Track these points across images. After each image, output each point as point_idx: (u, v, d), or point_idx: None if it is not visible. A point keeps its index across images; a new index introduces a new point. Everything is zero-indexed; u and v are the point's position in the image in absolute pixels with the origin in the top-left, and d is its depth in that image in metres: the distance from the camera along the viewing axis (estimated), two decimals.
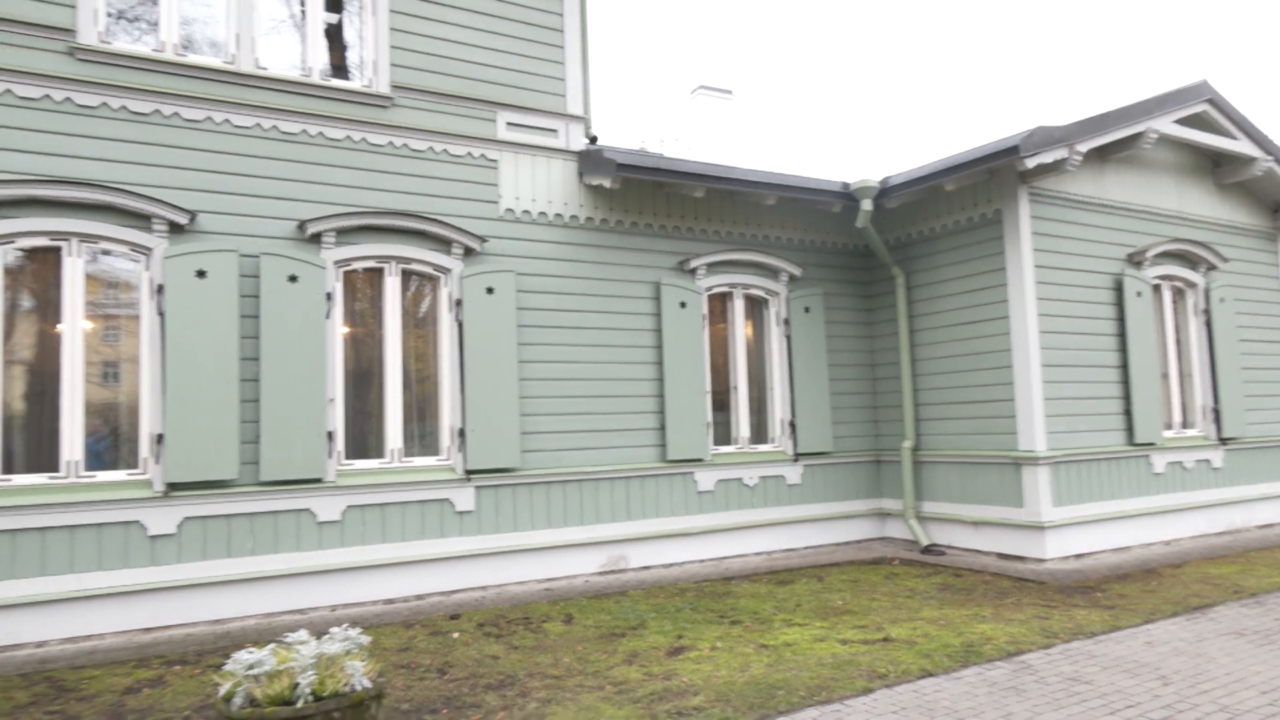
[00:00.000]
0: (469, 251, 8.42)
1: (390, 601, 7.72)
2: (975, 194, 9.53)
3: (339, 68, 8.23)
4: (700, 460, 9.43)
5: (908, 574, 8.59)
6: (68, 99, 6.90)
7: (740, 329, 10.11)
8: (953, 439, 9.77)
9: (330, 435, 7.60)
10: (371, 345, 8.14)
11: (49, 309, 6.90)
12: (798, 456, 10.13)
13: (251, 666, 4.07)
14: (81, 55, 6.97)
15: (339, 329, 7.84)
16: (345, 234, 7.87)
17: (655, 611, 7.16)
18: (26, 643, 6.42)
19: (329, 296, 7.72)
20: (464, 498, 8.17)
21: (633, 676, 5.36)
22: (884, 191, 9.84)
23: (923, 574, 8.55)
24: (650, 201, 9.49)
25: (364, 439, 7.99)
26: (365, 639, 4.41)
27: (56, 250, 6.87)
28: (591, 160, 8.96)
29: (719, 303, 10.09)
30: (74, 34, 6.97)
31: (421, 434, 8.26)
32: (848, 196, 9.96)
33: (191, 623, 6.96)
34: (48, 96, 6.84)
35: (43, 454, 6.74)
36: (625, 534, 8.96)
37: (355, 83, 8.19)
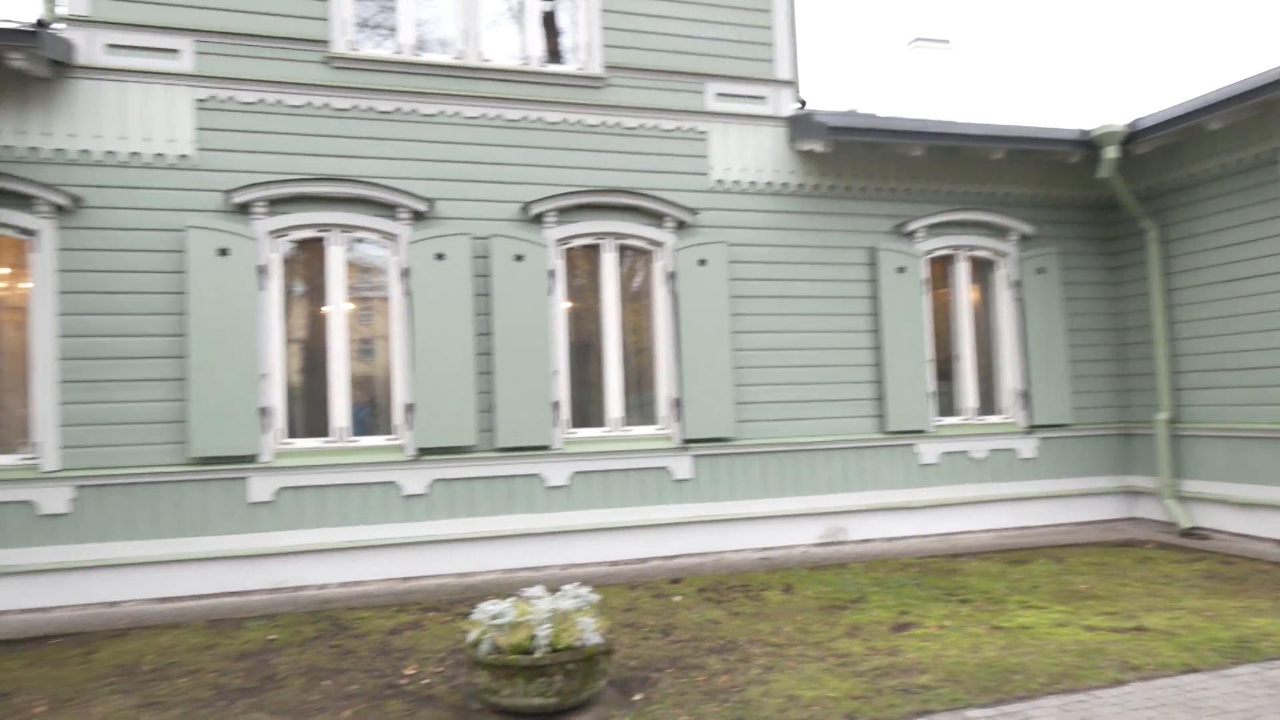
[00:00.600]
0: (681, 225, 8.53)
1: (615, 564, 8.08)
2: (1246, 133, 8.35)
3: (554, 53, 8.57)
4: (922, 432, 9.04)
5: (1164, 558, 7.79)
6: (326, 104, 7.70)
7: (965, 293, 9.53)
8: (1218, 410, 8.70)
9: (556, 405, 8.03)
10: (591, 319, 8.48)
11: (316, 293, 7.78)
12: (1031, 428, 9.44)
13: (495, 617, 4.41)
14: (335, 63, 7.73)
15: (561, 304, 8.24)
16: (565, 213, 8.23)
17: (877, 585, 6.99)
18: (310, 585, 7.36)
19: (551, 274, 8.12)
20: (682, 466, 8.37)
21: (855, 650, 5.28)
22: (1132, 136, 8.85)
23: (1183, 559, 7.72)
24: (864, 164, 9.14)
25: (586, 409, 8.37)
26: (595, 597, 4.65)
27: (320, 240, 7.72)
28: (802, 125, 8.76)
29: (940, 266, 9.56)
30: (328, 44, 7.74)
31: (640, 404, 8.53)
32: (1087, 145, 9.06)
33: (441, 574, 7.67)
34: (310, 103, 7.66)
35: (317, 420, 7.65)
36: (843, 506, 8.79)
37: (570, 66, 8.50)
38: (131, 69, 7.21)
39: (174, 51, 7.34)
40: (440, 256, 7.75)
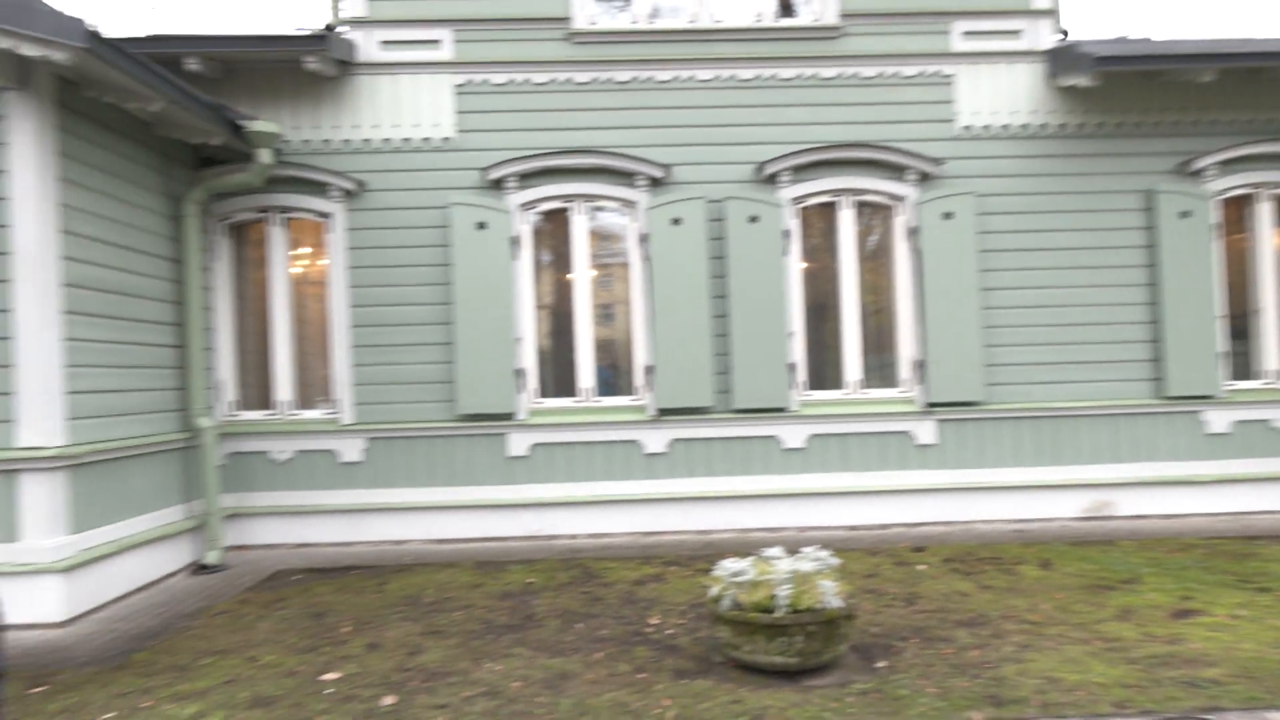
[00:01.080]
0: (924, 177, 8.07)
1: (853, 528, 7.95)
2: None
3: (786, 7, 8.36)
4: (1210, 397, 8.01)
5: None
6: (568, 79, 8.05)
7: (1268, 239, 8.25)
8: None
9: (792, 367, 7.97)
10: (826, 279, 8.29)
11: (562, 261, 8.22)
12: None
13: (735, 575, 4.51)
14: (576, 39, 8.05)
15: (796, 264, 8.12)
16: (799, 171, 8.06)
17: (1152, 566, 6.34)
18: (562, 534, 7.91)
19: (786, 234, 8.01)
20: (925, 430, 8.02)
21: (1126, 635, 4.84)
22: None
23: None
24: (1138, 96, 8.13)
25: (822, 371, 8.24)
26: (835, 561, 4.61)
27: (565, 211, 8.13)
28: (1064, 58, 7.93)
29: (1234, 208, 8.33)
30: (569, 21, 8.06)
31: (880, 366, 8.25)
32: None
33: (681, 530, 7.93)
34: (553, 80, 8.04)
35: (566, 382, 8.14)
36: (1110, 477, 8.02)
37: (803, 19, 8.26)
38: (401, 62, 7.95)
39: (436, 42, 7.99)
40: (677, 221, 7.90)
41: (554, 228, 8.22)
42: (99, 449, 6.01)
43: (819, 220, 8.33)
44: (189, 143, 7.26)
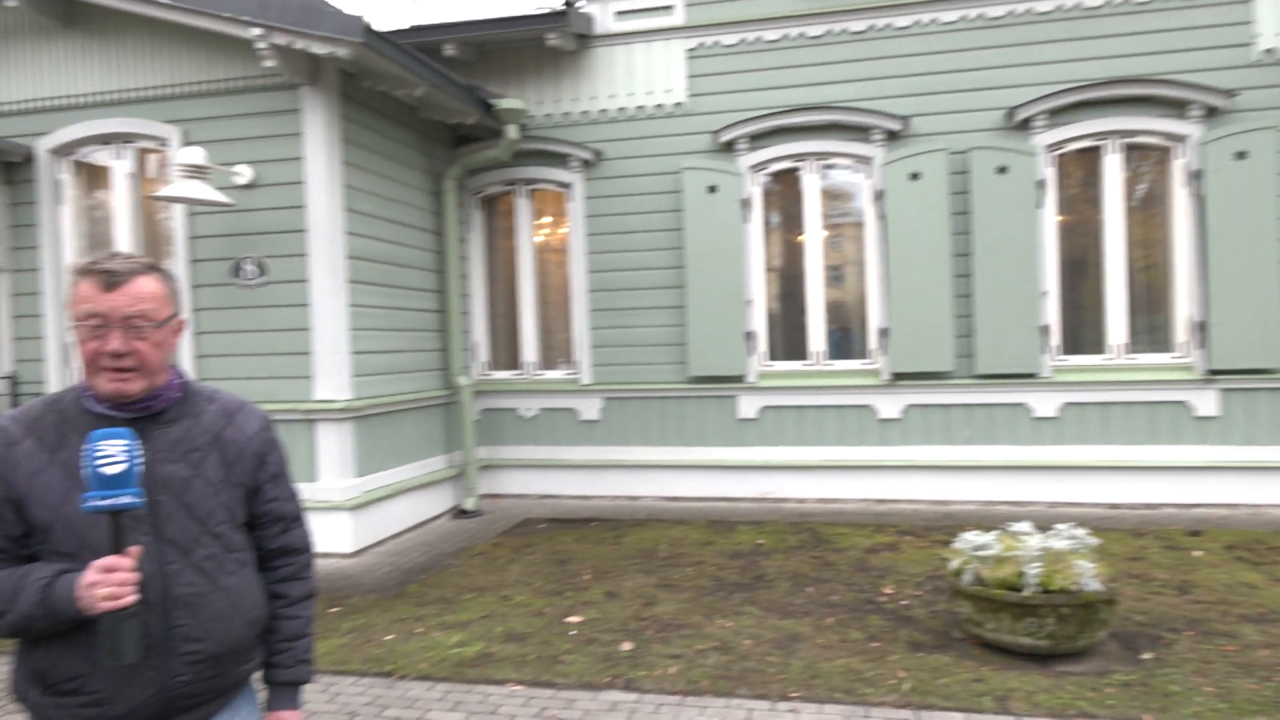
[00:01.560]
0: (1210, 112, 7.07)
1: (1114, 506, 7.26)
2: None
3: None
4: None
5: None
6: (800, 34, 7.84)
7: None
8: None
9: (1045, 329, 7.35)
10: (1086, 233, 7.54)
11: (792, 222, 8.09)
12: None
13: (978, 549, 4.28)
14: None
15: (1051, 218, 7.45)
16: (1056, 114, 7.34)
17: None
18: (790, 498, 7.89)
19: (1040, 184, 7.36)
20: (1205, 401, 7.12)
21: None
22: None
23: None
24: None
25: (1078, 333, 7.53)
26: (1093, 541, 4.24)
27: (795, 171, 7.97)
28: None
29: None
30: None
31: (1149, 328, 7.41)
32: None
33: (916, 499, 7.64)
34: (785, 36, 7.86)
35: (795, 345, 8.05)
36: None
37: None
38: (635, 31, 8.12)
39: (668, 8, 8.06)
40: (915, 176, 7.49)
41: (784, 189, 8.10)
42: (377, 403, 6.78)
43: (1078, 168, 7.56)
44: (447, 123, 7.89)
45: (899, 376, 7.64)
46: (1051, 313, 7.44)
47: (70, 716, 1.52)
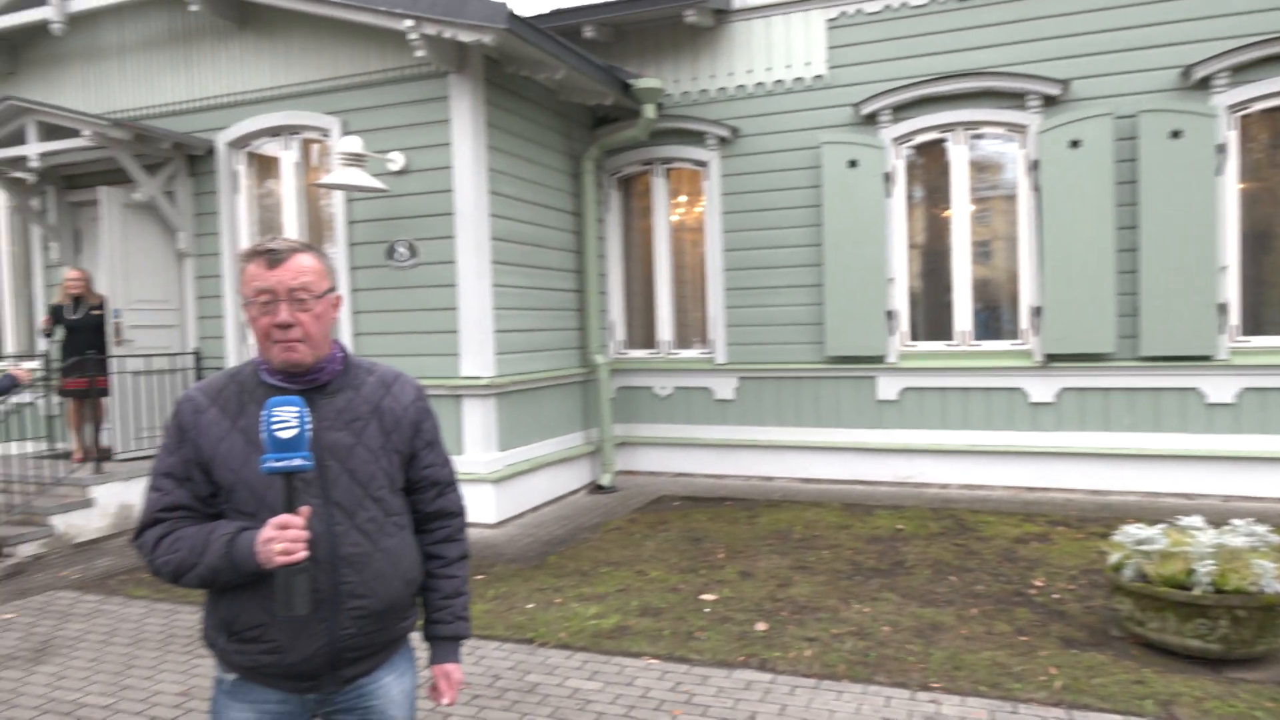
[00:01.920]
0: None
1: None
2: None
3: None
4: None
5: None
6: None
7: None
8: None
9: (1222, 308, 6.75)
10: (1274, 201, 6.84)
11: (937, 196, 7.75)
12: None
13: (1141, 543, 4.00)
14: None
15: (1232, 185, 6.80)
16: (1241, 71, 6.68)
17: None
18: (932, 483, 7.62)
19: (1220, 149, 6.73)
20: None
21: None
22: None
23: None
24: None
25: (1263, 312, 6.87)
26: (1275, 538, 3.89)
27: (941, 142, 7.62)
28: None
29: None
30: None
31: None
32: None
33: (1070, 488, 7.21)
34: (933, 1, 7.50)
35: (938, 324, 7.73)
36: None
37: None
38: (773, 3, 7.94)
39: None
40: (1075, 144, 7.01)
41: (929, 161, 7.76)
42: (518, 380, 7.01)
43: (1264, 130, 6.86)
44: (586, 105, 8.00)
45: (1053, 358, 7.21)
46: (1231, 289, 6.81)
47: (251, 662, 1.67)
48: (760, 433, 8.15)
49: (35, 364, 7.82)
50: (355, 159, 6.30)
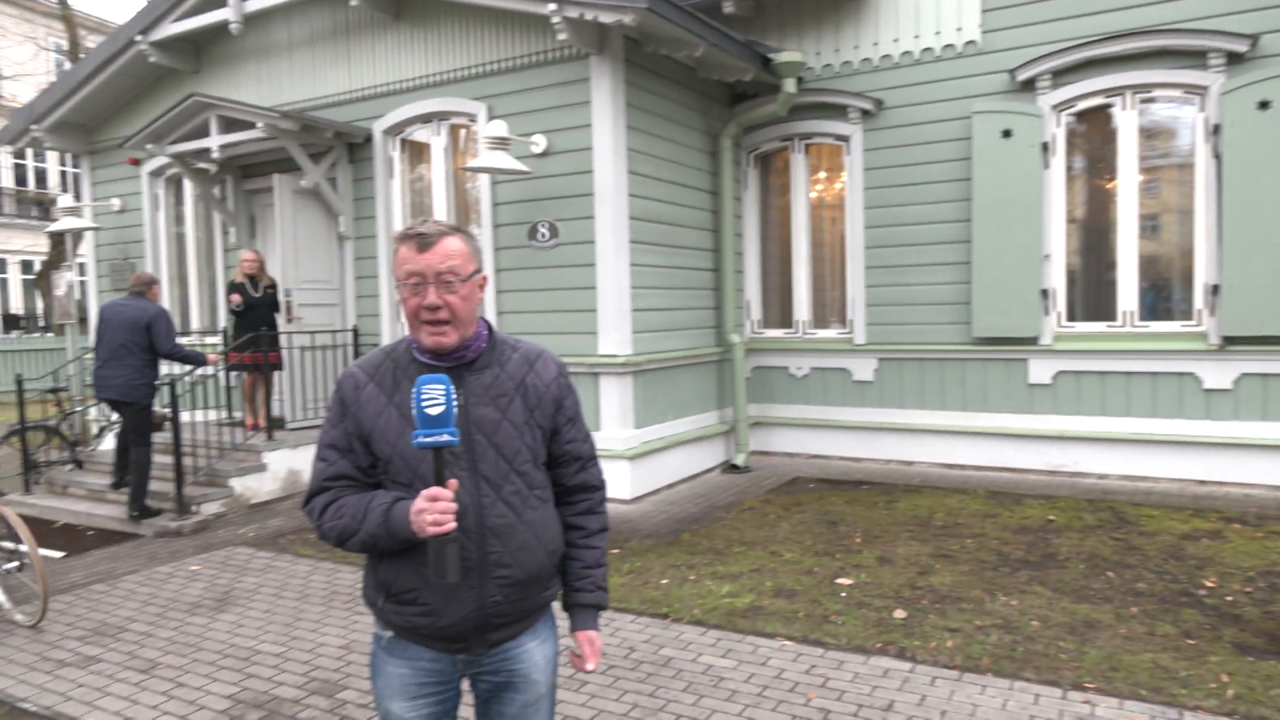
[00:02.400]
0: None
1: None
2: None
3: None
4: None
5: None
6: None
7: None
8: None
9: None
10: None
11: (1100, 167, 7.22)
12: None
13: None
14: None
15: None
16: None
17: None
18: (1089, 473, 7.17)
19: None
20: None
21: None
22: None
23: None
24: None
25: None
26: None
27: (1106, 108, 7.08)
28: None
29: None
30: None
31: None
32: None
33: (1249, 483, 6.62)
34: None
35: (1099, 303, 7.24)
36: None
37: None
38: None
39: None
40: (1264, 105, 6.36)
41: (1091, 129, 7.24)
42: (654, 358, 7.08)
43: None
44: (725, 81, 7.92)
45: (1231, 341, 6.61)
46: None
47: (407, 622, 1.78)
48: (900, 415, 7.90)
49: (216, 340, 8.56)
50: (500, 142, 6.50)
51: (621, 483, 6.75)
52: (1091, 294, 7.31)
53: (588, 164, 6.71)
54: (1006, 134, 7.19)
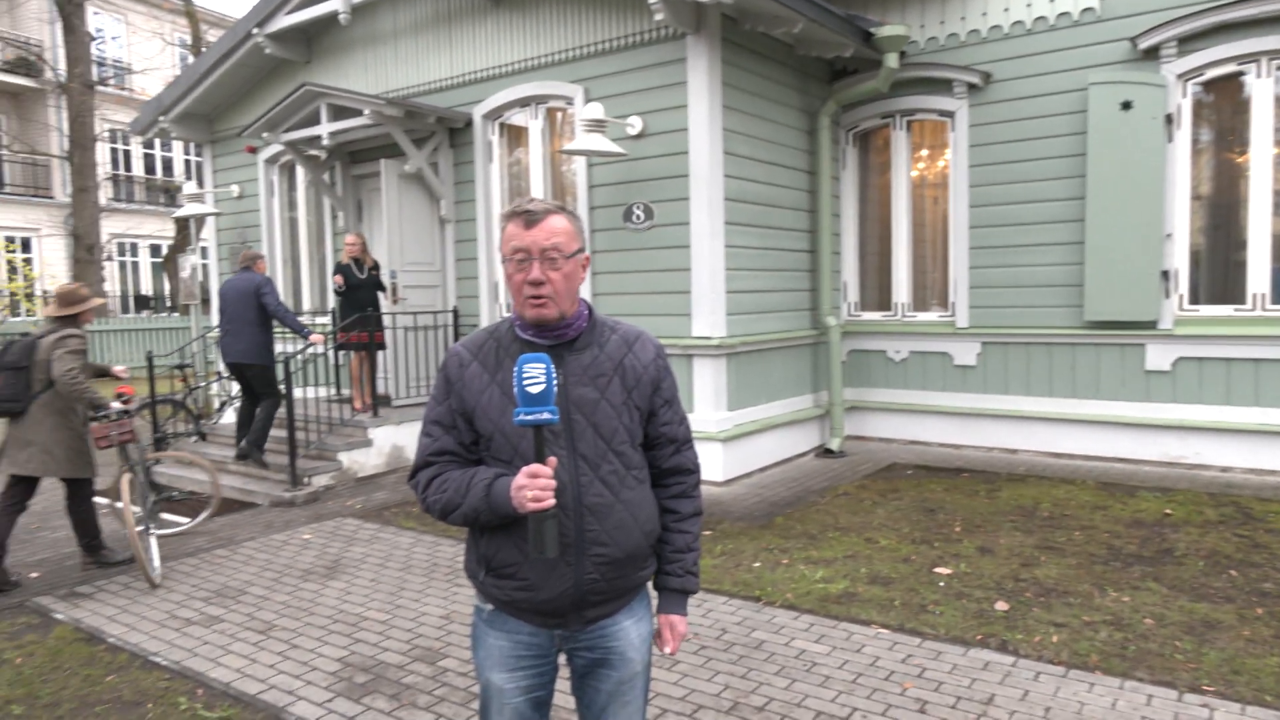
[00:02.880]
0: None
1: None
2: None
3: None
4: None
5: None
6: None
7: None
8: None
9: None
10: None
11: (1229, 140, 6.76)
12: None
13: None
14: None
15: None
16: None
17: None
18: (1210, 465, 6.77)
19: None
20: None
21: None
22: None
23: None
24: None
25: None
26: None
27: (1238, 76, 6.61)
28: None
29: None
30: None
31: None
32: None
33: None
34: None
35: (1227, 286, 6.80)
36: None
37: None
38: None
39: None
40: None
41: (1220, 99, 6.78)
42: (748, 340, 7.03)
43: None
44: (823, 58, 7.75)
45: None
46: None
47: (507, 596, 1.83)
48: (1004, 402, 7.62)
49: (325, 320, 8.93)
50: (597, 125, 6.54)
51: (714, 465, 6.75)
52: (1218, 275, 6.86)
53: (683, 145, 6.68)
54: (1126, 106, 6.79)
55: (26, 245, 22.33)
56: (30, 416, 4.94)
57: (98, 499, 5.43)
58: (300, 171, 9.41)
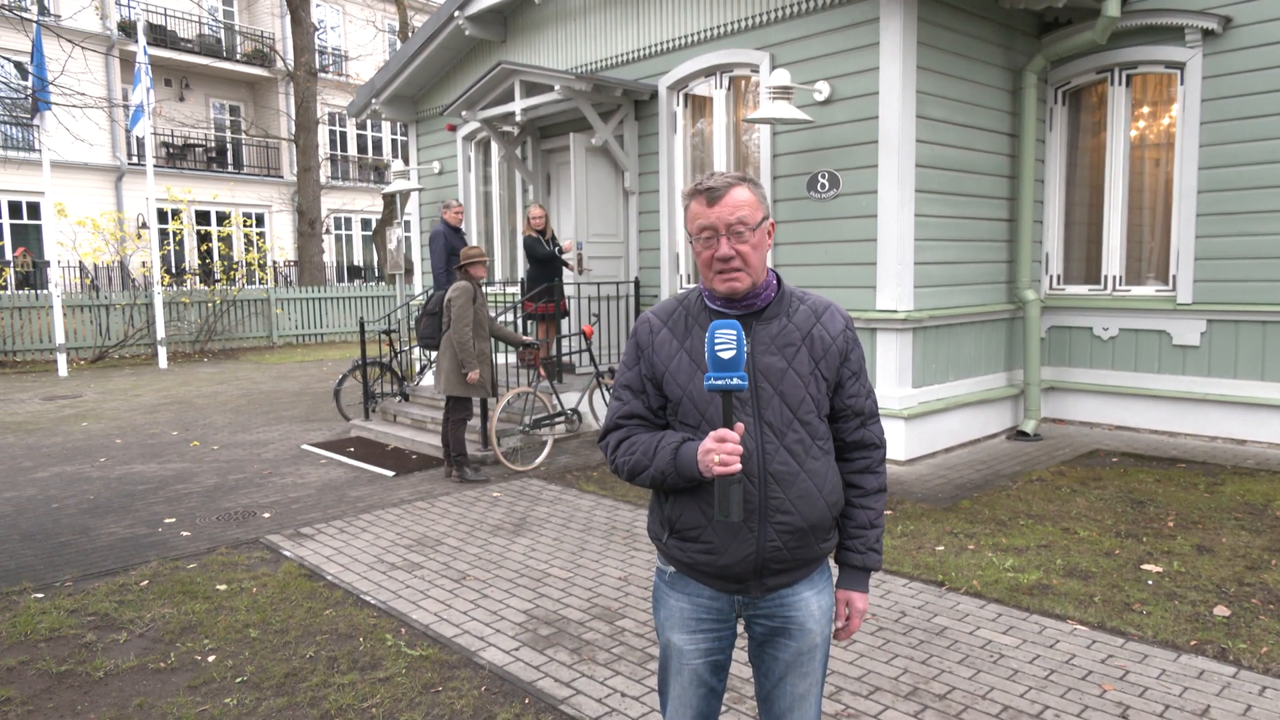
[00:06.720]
0: None
1: None
2: None
3: None
4: None
5: None
6: None
7: None
8: None
9: None
10: None
11: None
12: None
13: None
14: None
15: None
16: None
17: None
18: None
19: None
20: None
21: None
22: None
23: None
24: None
25: None
26: None
27: None
28: None
29: None
30: None
31: None
32: None
33: None
34: None
35: None
36: None
37: None
38: None
39: None
40: None
41: None
42: (936, 315, 6.70)
43: None
44: (1032, 10, 7.18)
45: None
46: None
47: (689, 559, 1.87)
48: (1232, 386, 6.85)
49: (515, 289, 9.36)
50: (782, 92, 6.41)
51: (896, 443, 6.53)
52: None
53: (873, 110, 6.42)
54: None
55: (260, 220, 24.85)
56: (440, 349, 6.62)
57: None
58: (494, 147, 9.87)
